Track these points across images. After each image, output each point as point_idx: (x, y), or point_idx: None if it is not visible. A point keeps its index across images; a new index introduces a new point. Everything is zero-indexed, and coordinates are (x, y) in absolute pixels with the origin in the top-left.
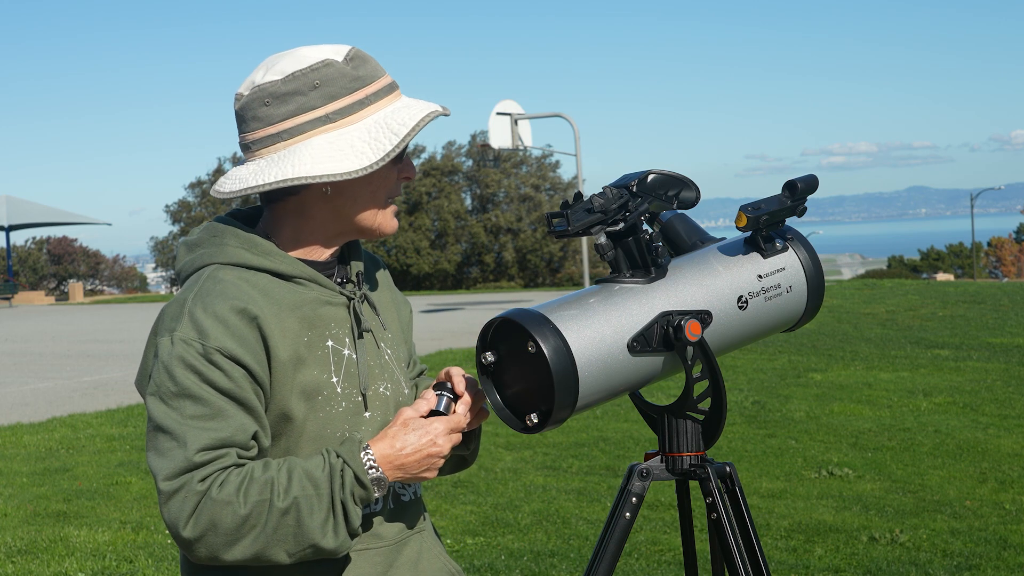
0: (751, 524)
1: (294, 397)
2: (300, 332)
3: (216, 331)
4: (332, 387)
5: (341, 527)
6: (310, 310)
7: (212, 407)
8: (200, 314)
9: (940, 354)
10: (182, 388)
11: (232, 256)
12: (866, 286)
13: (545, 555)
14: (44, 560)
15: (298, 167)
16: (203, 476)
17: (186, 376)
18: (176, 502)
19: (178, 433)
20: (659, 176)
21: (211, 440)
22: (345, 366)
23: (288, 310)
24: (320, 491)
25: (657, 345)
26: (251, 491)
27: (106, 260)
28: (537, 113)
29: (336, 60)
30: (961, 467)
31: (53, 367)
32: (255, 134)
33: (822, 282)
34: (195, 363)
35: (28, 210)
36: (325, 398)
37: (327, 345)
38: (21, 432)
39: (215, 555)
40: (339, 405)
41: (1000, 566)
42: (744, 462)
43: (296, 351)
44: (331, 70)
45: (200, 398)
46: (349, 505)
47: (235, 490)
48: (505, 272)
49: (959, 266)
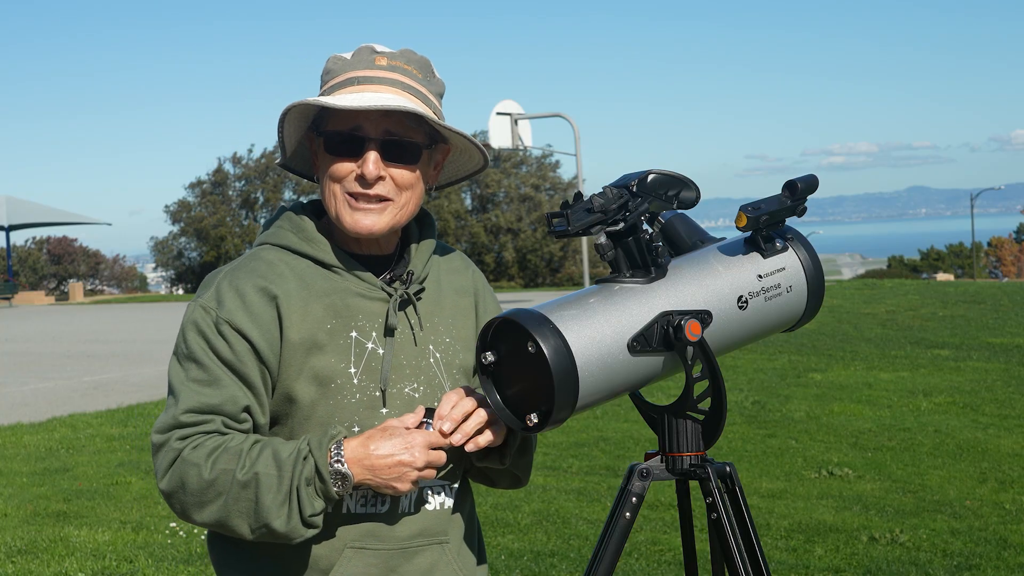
0: (751, 524)
1: (302, 380)
2: (324, 319)
3: (232, 304)
4: (348, 377)
5: (295, 513)
6: (339, 299)
7: (211, 374)
8: (225, 286)
9: (940, 354)
10: (190, 351)
11: (280, 238)
12: (866, 286)
13: (545, 555)
14: (44, 560)
15: None
16: (183, 435)
17: (195, 340)
18: (158, 455)
19: (177, 391)
20: (659, 176)
21: (199, 404)
22: (367, 359)
23: (317, 296)
24: (282, 473)
25: (657, 345)
26: (220, 459)
27: (106, 260)
28: (537, 113)
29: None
30: (961, 467)
31: (53, 367)
32: None
33: (822, 282)
34: (205, 330)
35: (28, 210)
36: (338, 387)
37: (351, 336)
38: (21, 432)
39: (186, 513)
40: (352, 396)
41: (1000, 566)
42: (744, 462)
43: (313, 336)
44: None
45: (202, 363)
46: (303, 493)
47: (206, 455)
48: (505, 272)
49: (959, 266)
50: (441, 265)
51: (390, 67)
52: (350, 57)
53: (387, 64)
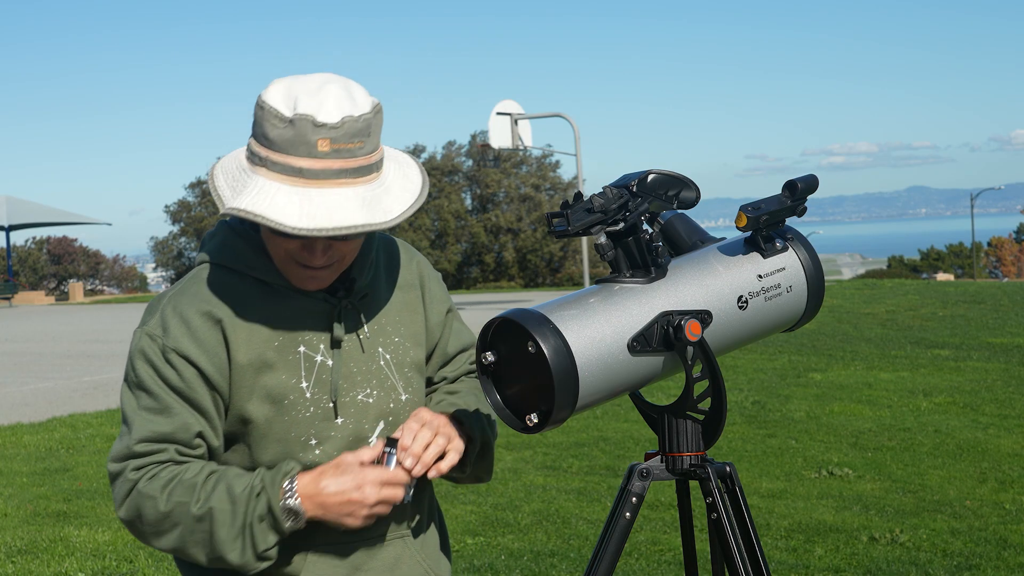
0: (751, 524)
1: (255, 400)
2: (271, 337)
3: (177, 331)
4: (301, 392)
5: (248, 548)
6: (284, 316)
7: (161, 402)
8: (169, 312)
9: (940, 354)
10: (139, 380)
11: (221, 257)
12: (866, 286)
13: (545, 555)
14: (44, 560)
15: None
16: (138, 466)
17: (144, 369)
18: (115, 484)
19: (129, 420)
20: (659, 176)
21: (152, 432)
22: (317, 372)
23: (261, 315)
24: (236, 508)
25: (657, 345)
26: (176, 491)
27: (106, 260)
28: (537, 113)
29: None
30: (961, 467)
31: (53, 367)
32: None
33: (822, 282)
34: (153, 358)
35: (28, 210)
36: (292, 402)
37: (299, 351)
38: (21, 432)
39: (145, 540)
40: (306, 410)
41: (1000, 566)
42: (744, 462)
43: (261, 356)
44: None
45: (152, 392)
46: (256, 529)
47: (161, 487)
48: (505, 272)
49: (959, 266)
50: (385, 261)
51: (334, 152)
52: (290, 133)
53: (330, 149)
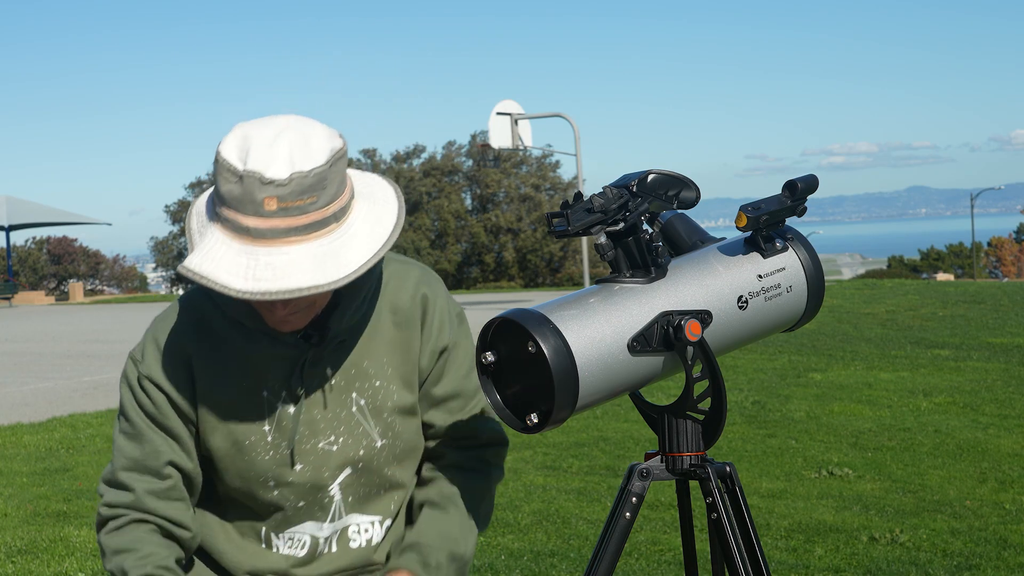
0: (751, 524)
1: (217, 435)
2: (238, 378)
3: (151, 358)
4: (263, 435)
5: None
6: (253, 359)
7: (136, 428)
8: (149, 338)
9: (940, 354)
10: (122, 404)
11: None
12: (866, 286)
13: (545, 555)
14: (44, 560)
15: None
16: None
17: (125, 394)
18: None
19: (115, 445)
20: (659, 176)
21: (128, 462)
22: (278, 417)
23: (230, 355)
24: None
25: (657, 345)
26: (115, 558)
27: (106, 260)
28: (537, 113)
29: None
30: (961, 467)
31: (53, 367)
32: None
33: (822, 282)
34: (132, 384)
35: (28, 210)
36: (252, 444)
37: (262, 394)
38: (21, 432)
39: None
40: (266, 453)
41: (1000, 566)
42: (744, 462)
43: (228, 395)
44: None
45: (130, 417)
46: None
47: (113, 548)
48: (505, 272)
49: (959, 266)
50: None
51: (281, 210)
52: (239, 190)
53: (277, 208)
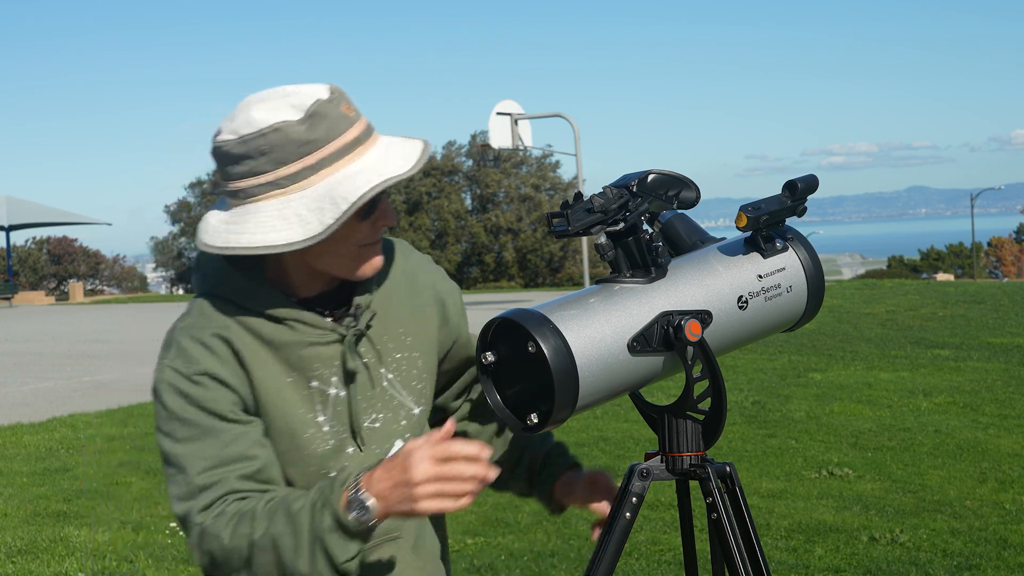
0: (751, 524)
1: (277, 435)
2: (283, 373)
3: (201, 355)
4: (317, 426)
5: (319, 564)
6: (293, 352)
7: (201, 427)
8: (186, 341)
9: (940, 354)
10: (171, 412)
11: (225, 291)
12: (866, 286)
13: (545, 555)
14: (44, 560)
15: (242, 235)
16: (203, 506)
17: (174, 401)
18: (186, 532)
19: (176, 458)
20: (659, 176)
21: (207, 462)
22: (332, 405)
23: (271, 350)
24: (298, 529)
25: (657, 345)
26: (239, 526)
27: (106, 260)
28: (537, 113)
29: (290, 121)
30: (961, 467)
31: (53, 367)
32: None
33: (822, 282)
34: (181, 386)
35: (28, 210)
36: (309, 437)
37: (311, 386)
38: (21, 432)
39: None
40: (325, 444)
41: (1000, 566)
42: (744, 462)
43: (278, 389)
44: (279, 136)
45: (188, 420)
46: (329, 541)
47: (225, 523)
48: (505, 272)
49: (959, 266)
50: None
51: (356, 114)
52: (324, 123)
53: (354, 112)
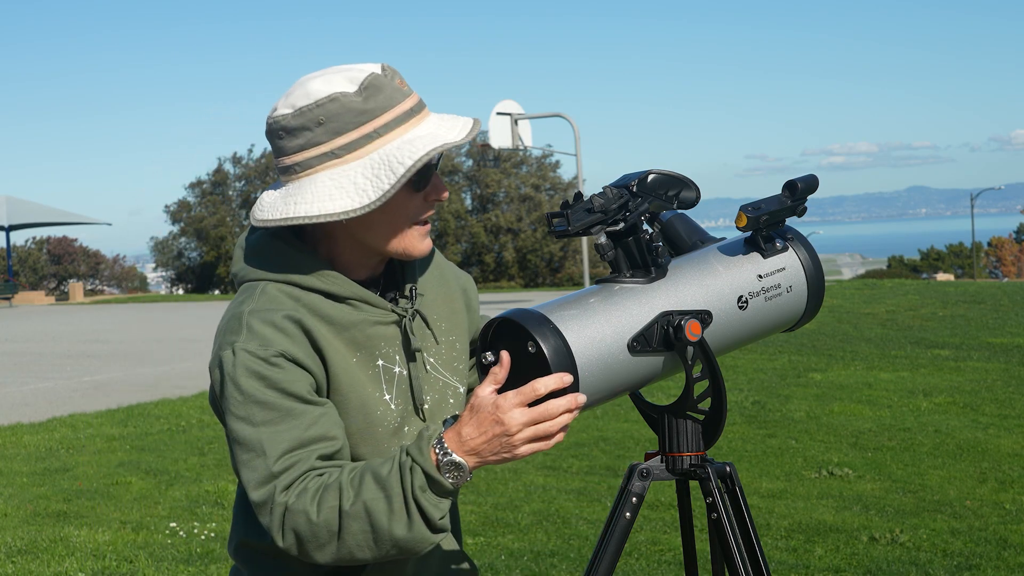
0: (751, 524)
1: (351, 415)
2: (348, 353)
3: (276, 337)
4: (386, 404)
5: (417, 524)
6: (359, 331)
7: (281, 409)
8: (258, 324)
9: (940, 354)
10: (248, 396)
11: (283, 275)
12: (866, 286)
13: (545, 555)
14: (44, 560)
15: (299, 205)
16: (285, 485)
17: (251, 384)
18: (266, 515)
19: (254, 442)
20: (659, 176)
21: (287, 444)
22: (397, 383)
23: (337, 331)
24: (389, 493)
25: (657, 345)
26: (325, 499)
27: (106, 260)
28: (537, 113)
29: (347, 92)
30: (961, 467)
31: (53, 367)
32: (278, 160)
33: (822, 282)
34: (259, 368)
35: (28, 210)
36: (381, 415)
37: (377, 364)
38: (21, 432)
39: (309, 559)
40: (393, 422)
41: (1000, 566)
42: (744, 462)
43: (347, 368)
44: (336, 105)
45: (267, 403)
46: (423, 501)
47: (311, 498)
48: (505, 272)
49: (959, 266)
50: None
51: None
52: (380, 94)
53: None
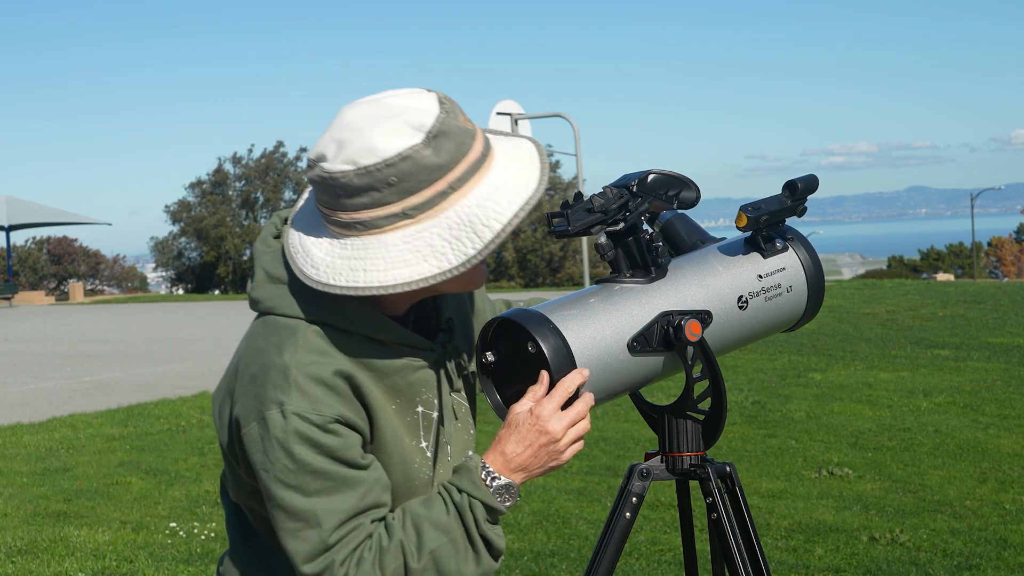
0: (751, 524)
1: (391, 469)
2: (388, 400)
3: (328, 399)
4: (422, 452)
5: (484, 557)
6: (400, 378)
7: (336, 478)
8: (306, 383)
9: (940, 354)
10: (302, 464)
11: (320, 315)
12: (866, 286)
13: (545, 555)
14: (44, 560)
15: (370, 272)
16: (342, 559)
17: (304, 452)
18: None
19: (306, 513)
20: (659, 176)
21: (343, 515)
22: (434, 430)
23: (377, 378)
24: (453, 535)
25: (657, 345)
26: (386, 561)
27: (106, 260)
28: (537, 113)
29: (416, 146)
30: (961, 467)
31: (53, 367)
32: (331, 212)
33: (822, 282)
34: (313, 436)
35: (28, 210)
36: (418, 467)
37: (417, 411)
38: (21, 432)
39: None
40: (428, 471)
41: (1000, 566)
42: (744, 462)
43: (389, 421)
44: (409, 164)
45: (322, 472)
46: (489, 535)
47: (371, 567)
48: (505, 272)
49: (959, 266)
50: None
51: (473, 126)
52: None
53: (471, 125)
